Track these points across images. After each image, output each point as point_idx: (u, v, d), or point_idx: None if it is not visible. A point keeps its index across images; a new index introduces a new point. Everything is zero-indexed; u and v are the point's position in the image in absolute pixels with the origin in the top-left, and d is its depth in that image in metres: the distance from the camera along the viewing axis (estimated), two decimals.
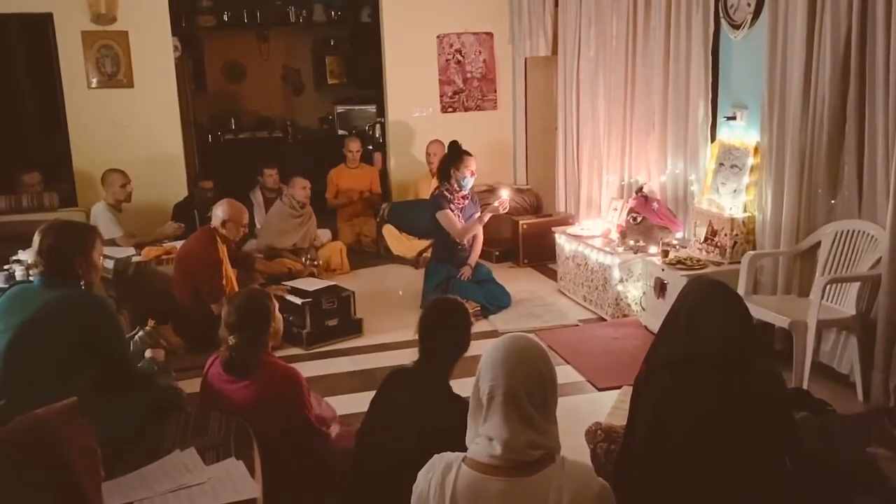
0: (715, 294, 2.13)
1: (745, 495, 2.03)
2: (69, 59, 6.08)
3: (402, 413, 2.35)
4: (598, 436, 2.54)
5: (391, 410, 2.40)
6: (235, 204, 4.58)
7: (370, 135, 8.19)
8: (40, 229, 2.70)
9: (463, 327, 2.49)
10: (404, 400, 2.37)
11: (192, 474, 2.29)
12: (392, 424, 2.36)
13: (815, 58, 3.70)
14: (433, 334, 2.44)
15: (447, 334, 2.44)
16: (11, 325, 2.51)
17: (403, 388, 2.42)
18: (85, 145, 6.18)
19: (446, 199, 5.15)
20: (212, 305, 4.37)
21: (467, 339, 2.48)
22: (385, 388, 2.47)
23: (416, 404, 2.34)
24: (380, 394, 2.49)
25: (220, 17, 8.43)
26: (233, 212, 4.51)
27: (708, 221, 4.38)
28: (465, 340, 2.48)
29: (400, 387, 2.43)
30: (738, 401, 2.04)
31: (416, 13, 6.93)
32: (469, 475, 1.67)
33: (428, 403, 2.33)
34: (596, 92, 5.72)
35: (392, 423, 2.36)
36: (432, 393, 2.35)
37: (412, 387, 2.41)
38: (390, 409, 2.41)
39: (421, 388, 2.38)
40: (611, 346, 4.38)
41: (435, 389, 2.36)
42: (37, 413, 1.93)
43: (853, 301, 3.56)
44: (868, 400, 3.50)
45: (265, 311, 2.76)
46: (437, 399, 2.33)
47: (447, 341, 2.44)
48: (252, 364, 2.69)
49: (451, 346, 2.44)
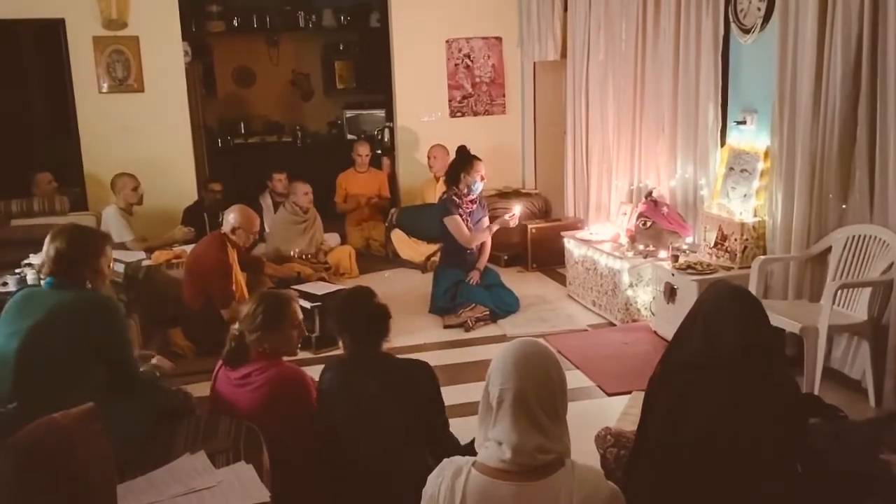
0: (734, 299, 2.12)
1: (756, 500, 2.02)
2: (80, 64, 6.13)
3: (378, 401, 2.47)
4: (607, 441, 2.53)
5: (366, 402, 2.49)
6: (247, 211, 4.57)
7: (379, 139, 8.21)
8: (51, 233, 2.72)
9: (376, 304, 2.67)
10: (375, 387, 2.50)
11: (201, 478, 2.29)
12: (371, 414, 2.46)
13: (826, 61, 3.69)
14: (358, 321, 2.61)
15: (369, 316, 2.63)
16: (21, 329, 2.52)
17: (368, 378, 2.53)
18: (96, 149, 6.22)
19: (454, 205, 5.15)
20: (222, 311, 4.38)
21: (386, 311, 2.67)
22: (343, 384, 2.57)
23: (390, 385, 2.50)
24: (337, 390, 2.57)
25: (230, 23, 8.48)
26: (243, 220, 4.50)
27: (718, 226, 4.36)
28: (386, 313, 2.66)
29: (363, 377, 2.54)
30: (750, 406, 2.03)
31: (425, 18, 6.95)
32: (479, 479, 1.66)
33: (401, 381, 2.54)
34: (605, 96, 5.71)
35: (371, 413, 2.46)
36: (397, 370, 2.59)
37: (372, 373, 2.55)
38: (363, 400, 2.49)
39: (381, 369, 2.57)
40: (620, 351, 4.36)
41: (393, 364, 2.62)
42: (53, 417, 1.93)
43: (865, 306, 3.54)
44: (880, 405, 3.48)
45: (290, 315, 2.82)
46: (404, 371, 2.58)
47: (373, 321, 2.62)
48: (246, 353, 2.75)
49: (379, 323, 2.63)
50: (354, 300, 2.71)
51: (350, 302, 2.71)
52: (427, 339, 4.72)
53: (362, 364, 2.60)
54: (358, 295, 2.74)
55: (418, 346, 4.59)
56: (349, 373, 2.60)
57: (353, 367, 2.61)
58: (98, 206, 5.87)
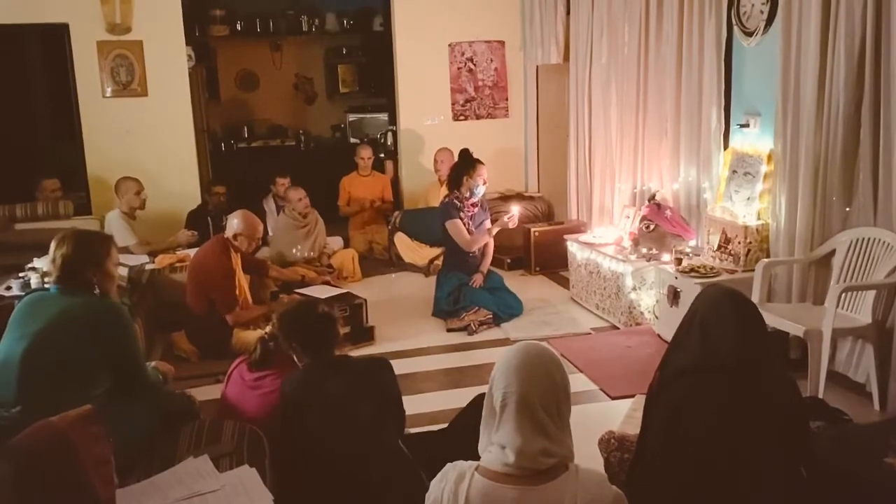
0: (728, 303, 2.12)
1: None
2: (84, 69, 6.15)
3: (345, 399, 2.51)
4: (611, 445, 2.52)
5: (333, 402, 2.51)
6: (250, 217, 4.51)
7: (382, 143, 8.22)
8: (56, 237, 2.72)
9: (319, 314, 2.75)
10: (340, 388, 2.53)
11: (205, 481, 2.29)
12: (341, 413, 2.48)
13: (829, 64, 3.68)
14: (310, 333, 2.69)
15: (316, 325, 2.70)
16: (28, 333, 2.53)
17: (332, 380, 2.56)
18: (99, 154, 6.24)
19: (456, 208, 5.15)
20: (226, 315, 4.38)
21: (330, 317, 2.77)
22: (308, 390, 2.58)
23: (357, 381, 2.56)
24: (303, 397, 2.57)
25: (234, 27, 8.50)
26: (246, 226, 4.45)
27: (721, 229, 4.36)
28: (331, 318, 2.76)
29: (326, 380, 2.57)
30: (752, 410, 2.02)
31: (428, 22, 6.96)
32: (482, 483, 1.66)
33: (365, 375, 2.60)
34: (608, 99, 5.71)
35: (341, 412, 2.48)
36: (359, 369, 2.64)
37: (335, 375, 2.59)
38: (331, 401, 2.51)
39: (344, 369, 2.63)
40: (624, 354, 4.36)
41: (356, 363, 2.69)
42: (50, 420, 1.94)
43: (869, 309, 3.53)
44: (885, 409, 3.46)
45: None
46: (367, 368, 2.65)
47: (320, 329, 2.70)
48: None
49: (328, 332, 2.71)
50: (297, 314, 2.77)
51: (294, 316, 2.76)
52: (430, 342, 4.71)
53: (322, 368, 2.64)
54: (300, 308, 2.81)
55: (421, 350, 4.58)
56: (310, 379, 2.62)
57: (315, 372, 2.64)
58: (102, 211, 5.88)
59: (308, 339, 2.67)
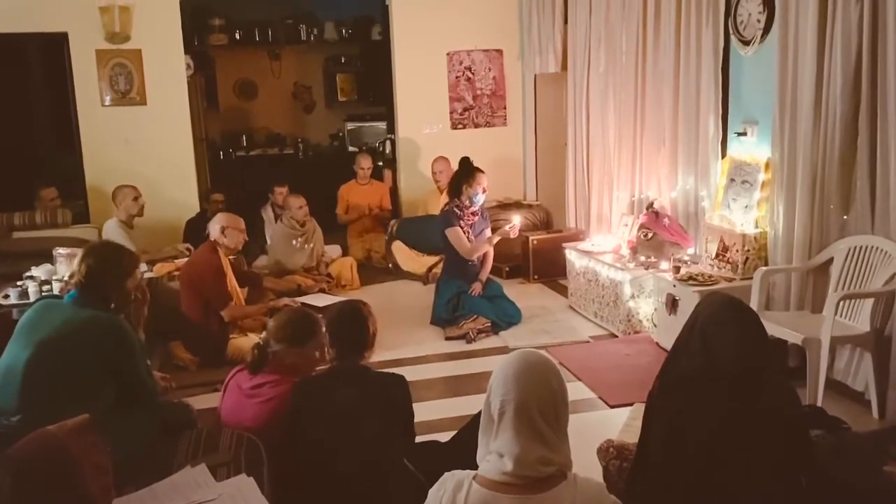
0: (729, 311, 2.11)
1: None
2: (83, 78, 6.16)
3: (356, 409, 2.48)
4: (610, 453, 2.52)
5: (344, 410, 2.49)
6: (228, 214, 4.68)
7: (380, 151, 8.23)
8: (84, 247, 2.74)
9: (364, 319, 2.75)
10: (350, 400, 2.50)
11: (203, 490, 2.28)
12: (350, 422, 2.46)
13: (826, 73, 3.69)
14: (346, 333, 2.70)
15: (357, 330, 2.71)
16: (32, 342, 2.53)
17: (344, 390, 2.55)
18: (98, 162, 6.24)
19: (456, 216, 5.16)
20: (221, 312, 4.40)
21: (372, 328, 2.76)
22: (321, 396, 2.57)
23: (368, 395, 2.53)
24: (315, 402, 2.56)
25: (233, 36, 8.53)
26: (228, 219, 4.60)
27: (719, 237, 4.36)
28: (371, 329, 2.75)
29: (338, 389, 2.56)
30: (752, 418, 2.02)
31: (427, 31, 6.98)
32: (480, 493, 1.65)
33: (377, 390, 2.57)
34: (606, 108, 5.73)
35: (350, 421, 2.46)
36: (375, 382, 2.62)
37: (351, 383, 2.57)
38: (342, 409, 2.50)
39: (359, 380, 2.60)
40: (622, 362, 4.35)
41: (372, 376, 2.66)
42: (48, 429, 1.93)
43: (867, 317, 3.53)
44: (884, 417, 3.46)
45: (318, 336, 2.87)
46: (381, 383, 2.62)
47: (358, 335, 2.71)
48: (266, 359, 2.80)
49: (362, 337, 2.72)
50: (350, 313, 2.77)
51: (345, 314, 2.77)
52: (428, 350, 4.71)
53: (340, 375, 2.63)
54: (354, 308, 2.80)
55: (420, 358, 4.58)
56: (325, 385, 2.61)
57: (330, 380, 2.63)
58: (100, 219, 5.87)
59: (348, 340, 2.69)
